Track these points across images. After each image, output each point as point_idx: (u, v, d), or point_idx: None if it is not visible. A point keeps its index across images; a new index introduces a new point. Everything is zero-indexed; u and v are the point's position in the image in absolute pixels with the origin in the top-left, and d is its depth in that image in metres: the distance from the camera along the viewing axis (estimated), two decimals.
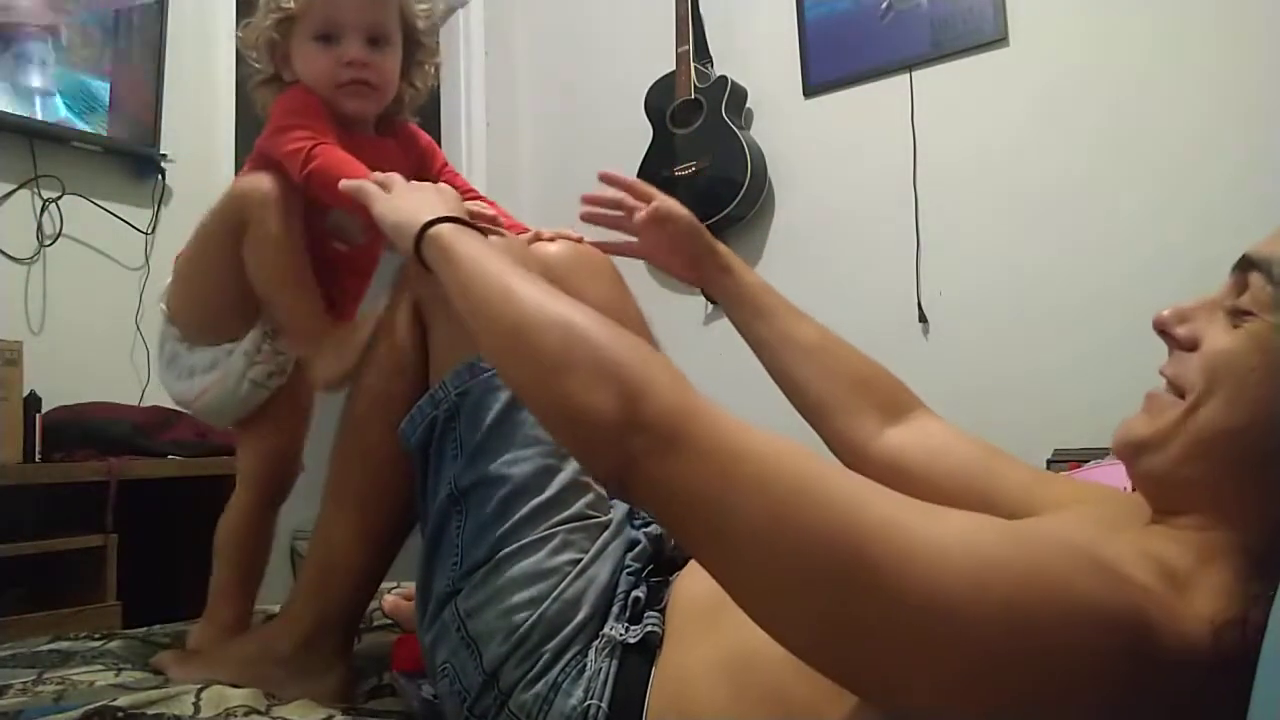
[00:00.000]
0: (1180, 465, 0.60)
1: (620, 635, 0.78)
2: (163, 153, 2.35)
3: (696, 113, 2.67)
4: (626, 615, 0.80)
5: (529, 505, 0.85)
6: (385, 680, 1.05)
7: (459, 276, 0.76)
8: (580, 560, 0.84)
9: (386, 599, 1.27)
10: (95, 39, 2.23)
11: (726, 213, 2.59)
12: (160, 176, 2.36)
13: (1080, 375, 2.12)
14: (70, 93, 2.18)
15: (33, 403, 1.83)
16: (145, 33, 2.32)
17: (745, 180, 2.57)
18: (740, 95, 2.70)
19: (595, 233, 1.15)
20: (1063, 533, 0.60)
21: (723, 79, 2.67)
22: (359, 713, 0.96)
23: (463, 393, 0.90)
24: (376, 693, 1.04)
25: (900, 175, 2.45)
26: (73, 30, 2.19)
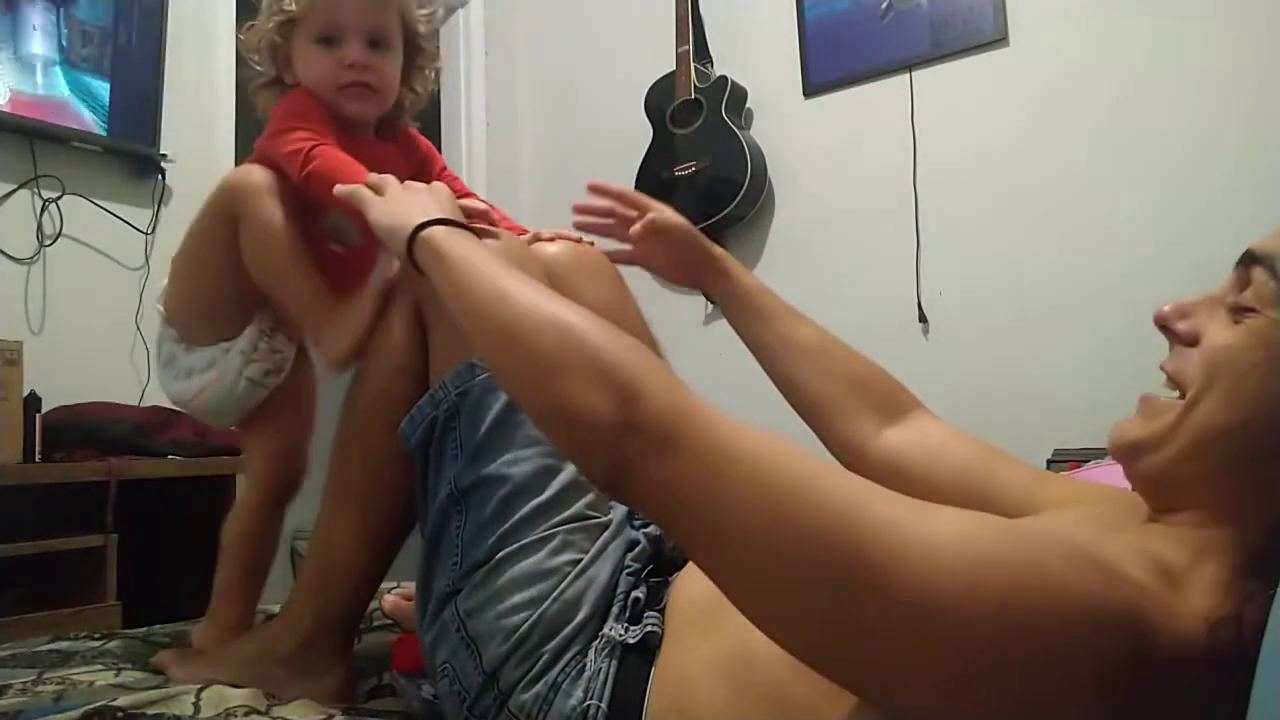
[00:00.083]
0: (1179, 463, 0.59)
1: (620, 635, 0.78)
2: (163, 153, 2.35)
3: (696, 113, 2.67)
4: (626, 615, 0.80)
5: (529, 505, 0.85)
6: (385, 680, 1.05)
7: (451, 278, 0.76)
8: (580, 561, 0.84)
9: (386, 599, 1.27)
10: (95, 39, 2.23)
11: (726, 213, 2.59)
12: (160, 176, 2.36)
13: (1080, 375, 2.12)
14: (70, 92, 2.18)
15: (33, 403, 1.83)
16: (145, 33, 2.32)
17: (745, 180, 2.57)
18: (740, 95, 2.70)
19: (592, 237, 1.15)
20: (1060, 531, 0.60)
21: (723, 79, 2.67)
22: (359, 713, 0.96)
23: (463, 393, 0.90)
24: (376, 693, 1.04)
25: (900, 175, 2.44)
26: (73, 30, 2.19)
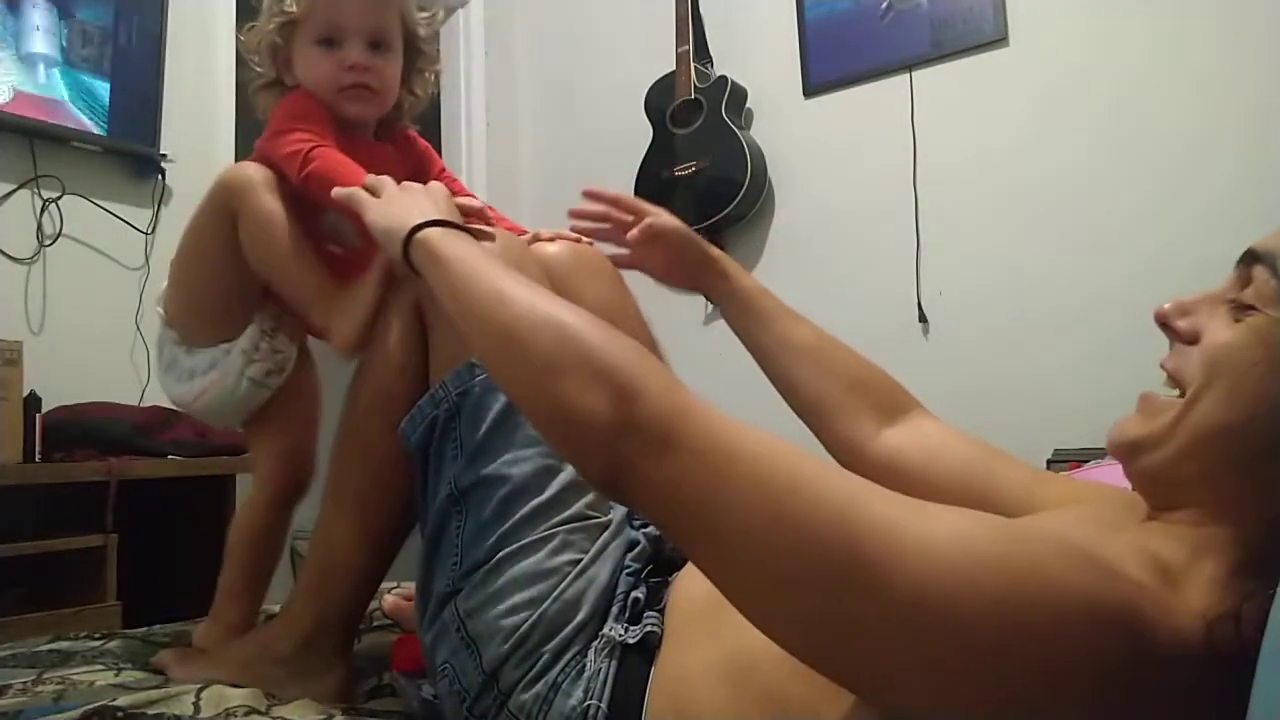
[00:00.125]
0: (1178, 462, 0.59)
1: (620, 636, 0.78)
2: (163, 153, 2.35)
3: (696, 113, 2.67)
4: (626, 616, 0.80)
5: (529, 505, 0.85)
6: (385, 680, 1.05)
7: (448, 280, 0.76)
8: (580, 561, 0.84)
9: (386, 599, 1.27)
10: (95, 39, 2.23)
11: (726, 213, 2.59)
12: (160, 176, 2.37)
13: (1080, 375, 2.12)
14: (70, 92, 2.18)
15: (33, 403, 1.83)
16: (145, 33, 2.32)
17: (745, 180, 2.57)
18: (740, 95, 2.70)
19: None
20: (1058, 530, 0.60)
21: (723, 79, 2.67)
22: (359, 713, 0.95)
23: (463, 393, 0.90)
24: (376, 693, 1.04)
25: (900, 175, 2.44)
26: (73, 30, 2.19)
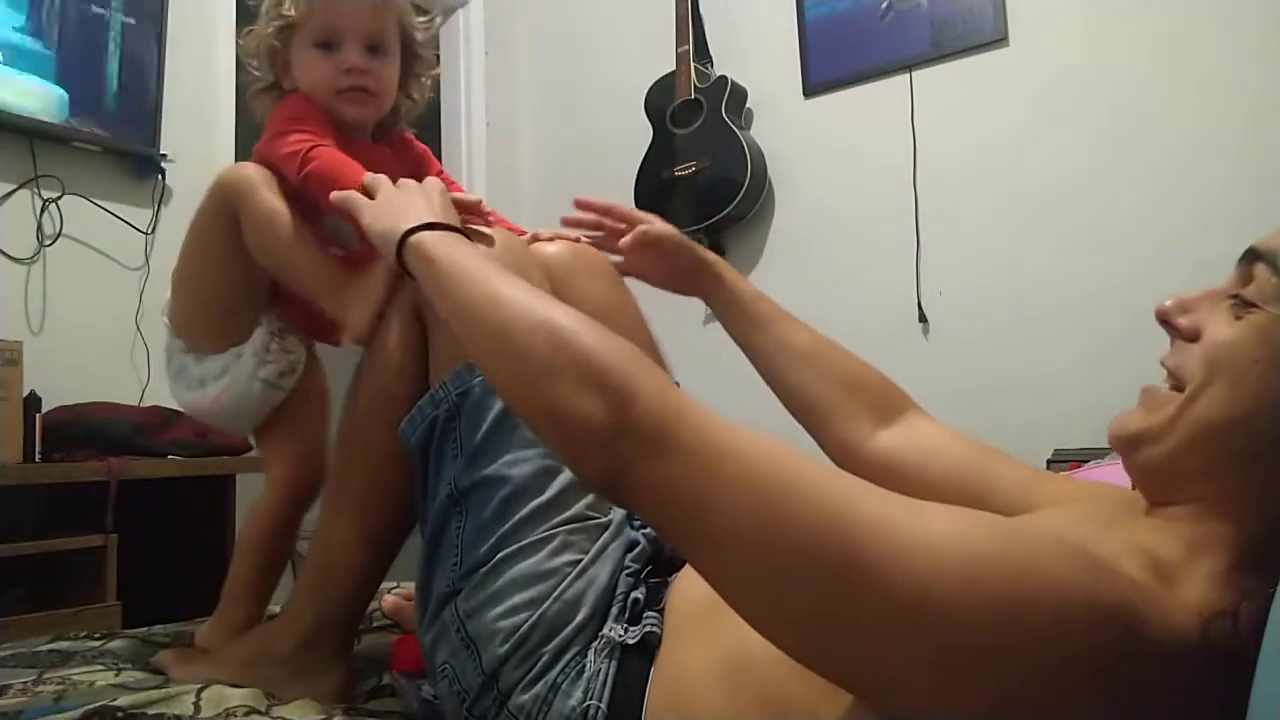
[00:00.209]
0: (1178, 456, 0.59)
1: (619, 636, 0.78)
2: (163, 153, 2.35)
3: (696, 113, 2.67)
4: (626, 616, 0.80)
5: (529, 506, 0.85)
6: (385, 680, 1.05)
7: (442, 283, 0.76)
8: (580, 561, 0.83)
9: (386, 599, 1.27)
10: (95, 39, 2.23)
11: (726, 213, 2.59)
12: (160, 176, 2.36)
13: (1080, 375, 2.12)
14: (69, 91, 2.18)
15: (33, 403, 1.83)
16: (145, 33, 2.32)
17: (745, 180, 2.57)
18: (740, 95, 2.70)
19: None
20: (1054, 528, 0.60)
21: (723, 79, 2.67)
22: (359, 713, 0.95)
23: (463, 393, 0.90)
24: (376, 693, 1.04)
25: (900, 175, 2.45)
26: (74, 30, 2.19)
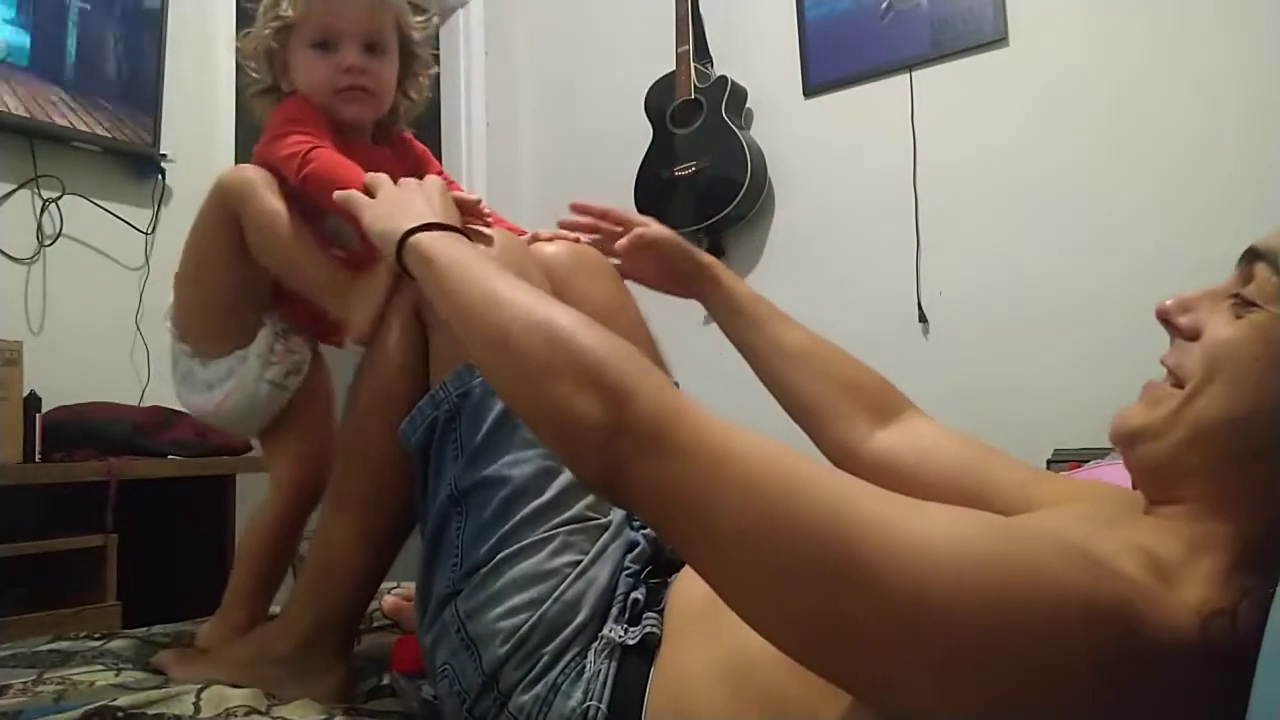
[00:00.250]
0: (1178, 454, 0.59)
1: (619, 637, 0.78)
2: (163, 153, 2.35)
3: (696, 113, 2.67)
4: (626, 617, 0.80)
5: (529, 507, 0.85)
6: (385, 680, 1.05)
7: (442, 284, 0.76)
8: (580, 562, 0.83)
9: (387, 599, 1.27)
10: (95, 39, 2.23)
11: (726, 213, 2.59)
12: (160, 176, 2.36)
13: (1080, 375, 2.12)
14: (69, 91, 2.18)
15: (33, 403, 1.83)
16: (145, 33, 2.32)
17: (745, 180, 2.57)
18: (740, 95, 2.70)
19: None
20: (1053, 528, 0.60)
21: (723, 79, 2.67)
22: (359, 713, 0.95)
23: (463, 393, 0.90)
24: (376, 693, 1.04)
25: (900, 175, 2.45)
26: (74, 30, 2.19)
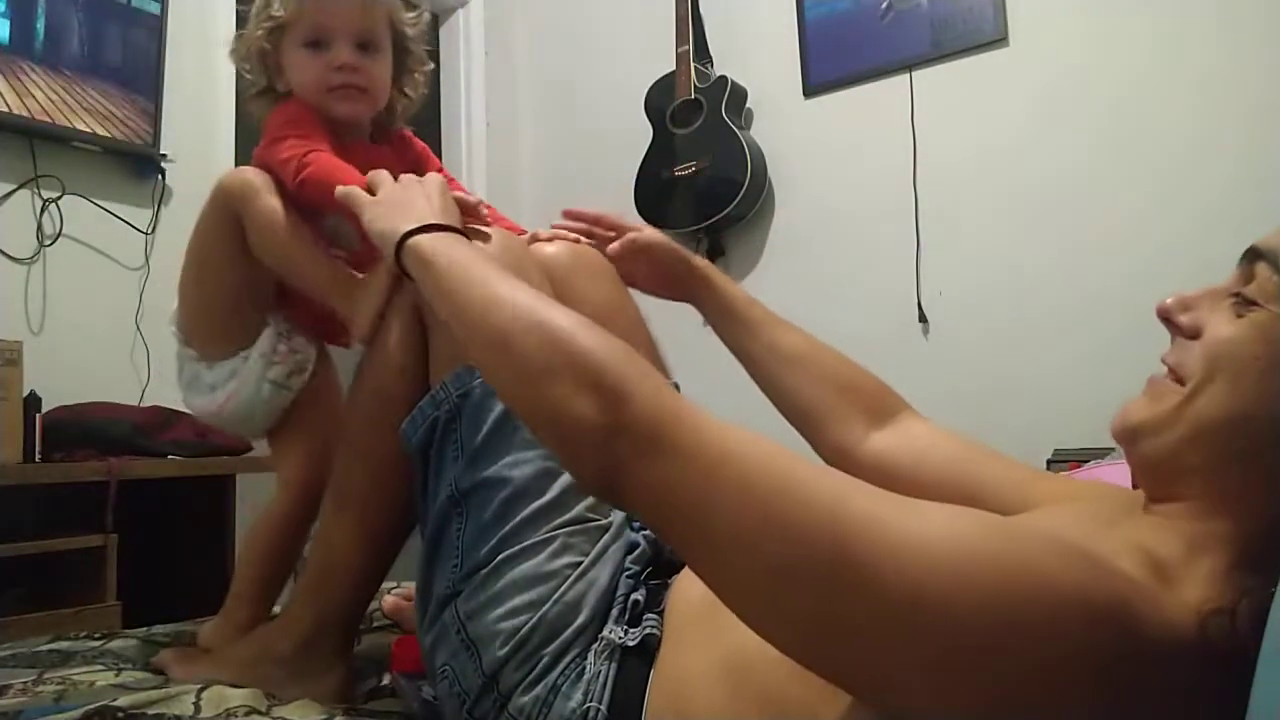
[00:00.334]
0: (1179, 451, 0.60)
1: (619, 638, 0.78)
2: (163, 153, 2.35)
3: (696, 113, 2.67)
4: (626, 618, 0.80)
5: (530, 508, 0.85)
6: (385, 681, 1.05)
7: (441, 285, 0.76)
8: (580, 563, 0.83)
9: (387, 600, 1.27)
10: (96, 38, 2.23)
11: (726, 213, 2.59)
12: (160, 176, 2.36)
13: (1080, 375, 2.12)
14: (69, 91, 2.18)
15: (33, 403, 1.83)
16: (146, 33, 2.32)
17: (745, 180, 2.57)
18: (740, 95, 2.70)
19: None
20: (1051, 527, 0.60)
21: (723, 79, 2.67)
22: (359, 713, 0.95)
23: (464, 394, 0.90)
24: (376, 693, 1.04)
25: (900, 175, 2.45)
26: (74, 30, 2.19)
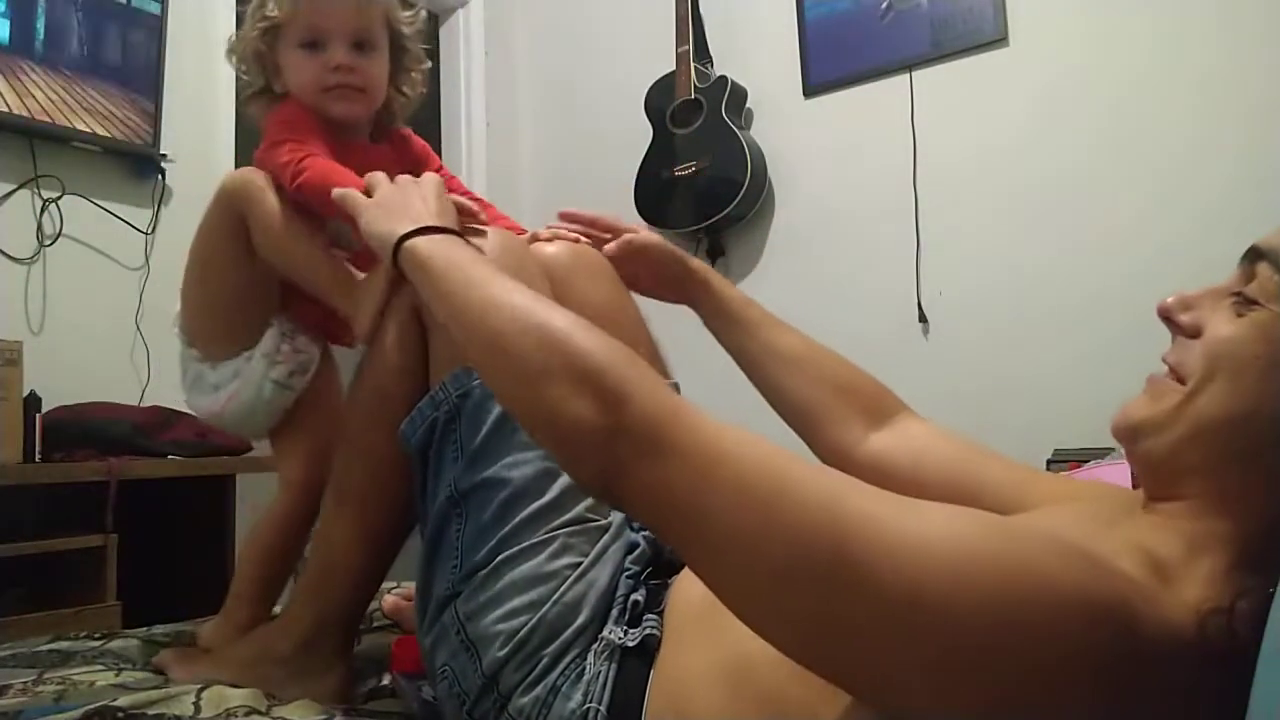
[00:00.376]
0: (1179, 450, 0.60)
1: (619, 639, 0.78)
2: (163, 153, 2.35)
3: (696, 113, 2.67)
4: (625, 618, 0.80)
5: (529, 509, 0.85)
6: (385, 681, 1.05)
7: (439, 288, 0.76)
8: (580, 564, 0.83)
9: (387, 599, 1.27)
10: (96, 38, 2.23)
11: (726, 213, 2.59)
12: (160, 176, 2.36)
13: (1080, 375, 2.12)
14: (69, 91, 2.18)
15: (33, 403, 1.83)
16: (145, 33, 2.32)
17: (745, 180, 2.57)
18: (740, 95, 2.70)
19: None
20: (1051, 527, 0.60)
21: (723, 79, 2.67)
22: (358, 713, 0.96)
23: (463, 394, 0.90)
24: (376, 693, 1.04)
25: (900, 175, 2.45)
26: (74, 30, 2.19)
